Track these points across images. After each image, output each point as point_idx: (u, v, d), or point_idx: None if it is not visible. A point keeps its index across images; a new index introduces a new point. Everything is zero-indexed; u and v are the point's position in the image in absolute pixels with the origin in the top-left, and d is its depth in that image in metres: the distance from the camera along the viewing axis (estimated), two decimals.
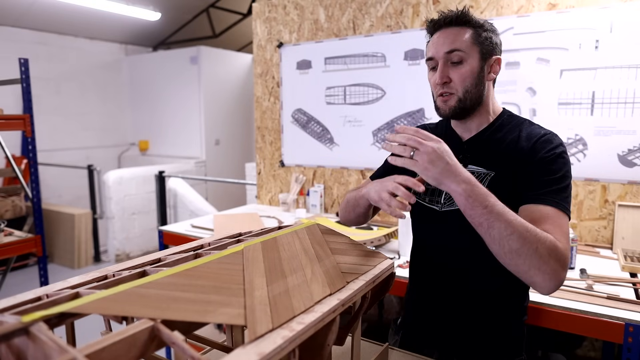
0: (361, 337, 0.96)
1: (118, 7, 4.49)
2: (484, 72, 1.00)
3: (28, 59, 2.25)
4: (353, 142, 2.51)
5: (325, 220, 2.33)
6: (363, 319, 1.89)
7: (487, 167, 1.00)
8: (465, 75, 0.97)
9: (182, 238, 2.18)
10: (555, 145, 0.95)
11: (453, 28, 0.98)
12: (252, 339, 0.54)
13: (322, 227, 1.02)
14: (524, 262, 0.79)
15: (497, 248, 0.81)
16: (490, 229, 0.80)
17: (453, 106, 0.99)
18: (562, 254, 0.81)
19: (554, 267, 0.80)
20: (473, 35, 0.98)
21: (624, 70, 1.77)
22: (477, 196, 0.80)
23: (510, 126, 1.03)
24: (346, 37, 2.45)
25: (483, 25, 1.00)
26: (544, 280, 0.80)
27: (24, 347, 0.46)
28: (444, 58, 0.97)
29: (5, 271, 2.69)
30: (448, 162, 0.80)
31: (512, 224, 0.79)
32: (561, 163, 0.93)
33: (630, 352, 1.19)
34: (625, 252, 1.69)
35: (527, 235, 0.79)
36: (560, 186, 0.91)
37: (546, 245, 0.80)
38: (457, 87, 0.98)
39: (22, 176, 2.41)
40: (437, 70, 0.99)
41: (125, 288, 0.59)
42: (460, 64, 0.97)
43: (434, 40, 1.00)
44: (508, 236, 0.79)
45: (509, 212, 0.81)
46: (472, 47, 0.97)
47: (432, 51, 1.00)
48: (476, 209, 0.80)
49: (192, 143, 5.34)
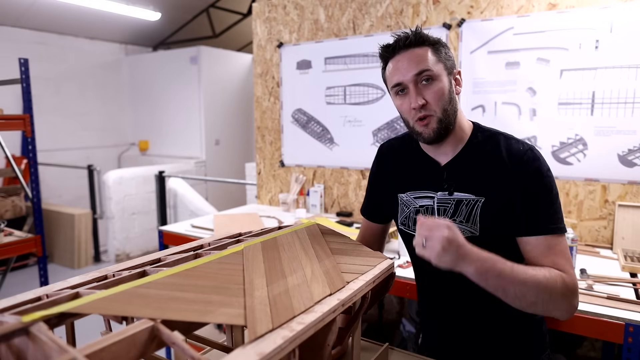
0: (361, 337, 0.96)
1: (118, 7, 4.49)
2: (452, 87, 0.97)
3: (28, 59, 2.25)
4: (353, 142, 2.51)
5: (325, 220, 2.33)
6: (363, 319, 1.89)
7: (476, 193, 0.97)
8: (439, 93, 0.93)
9: (182, 238, 2.18)
10: (539, 164, 0.94)
11: (413, 49, 0.94)
12: (252, 339, 0.54)
13: (322, 227, 1.02)
14: (542, 308, 0.86)
15: (517, 304, 0.86)
16: (506, 292, 0.84)
17: (435, 128, 0.94)
18: (572, 286, 0.87)
19: (568, 301, 0.87)
20: (434, 53, 0.95)
21: (624, 70, 1.77)
22: (489, 270, 0.83)
23: (487, 143, 1.00)
24: (346, 37, 2.45)
25: (439, 41, 0.97)
26: (562, 314, 0.88)
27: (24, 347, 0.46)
28: (414, 81, 0.93)
29: (5, 271, 2.69)
30: (459, 246, 0.80)
31: (525, 282, 0.83)
32: (548, 183, 0.94)
33: (630, 352, 1.19)
34: (625, 252, 1.69)
35: (540, 287, 0.84)
36: (552, 208, 0.93)
37: (558, 287, 0.85)
38: (435, 107, 0.93)
39: (22, 176, 2.41)
40: (407, 95, 0.95)
41: (125, 288, 0.59)
42: (431, 85, 0.93)
43: (397, 65, 0.96)
44: (524, 294, 0.84)
45: (519, 270, 0.84)
46: (437, 64, 0.94)
47: (397, 77, 0.95)
48: (490, 280, 0.83)
49: (192, 143, 5.34)
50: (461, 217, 0.98)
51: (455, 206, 0.99)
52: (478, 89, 2.08)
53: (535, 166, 0.94)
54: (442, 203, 1.01)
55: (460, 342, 1.08)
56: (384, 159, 1.16)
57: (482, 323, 1.04)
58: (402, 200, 1.08)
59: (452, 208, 0.99)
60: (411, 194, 1.06)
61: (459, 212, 0.98)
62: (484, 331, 1.05)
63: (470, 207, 0.97)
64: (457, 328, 1.08)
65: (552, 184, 0.94)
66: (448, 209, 1.00)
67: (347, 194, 2.57)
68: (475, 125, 1.04)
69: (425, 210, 1.03)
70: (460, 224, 0.98)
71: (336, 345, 0.83)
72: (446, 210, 1.00)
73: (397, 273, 1.11)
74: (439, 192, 1.01)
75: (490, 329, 1.04)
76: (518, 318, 1.03)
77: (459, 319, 1.07)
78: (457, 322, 1.08)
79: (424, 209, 1.04)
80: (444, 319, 1.11)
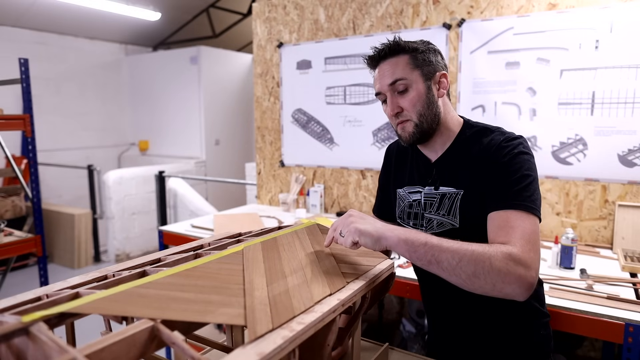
0: (361, 337, 0.96)
1: (118, 7, 4.48)
2: (432, 91, 1.00)
3: (28, 59, 2.25)
4: (353, 142, 2.51)
5: (325, 220, 2.32)
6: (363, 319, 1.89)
7: (456, 187, 1.00)
8: (413, 100, 0.98)
9: (182, 238, 2.18)
10: (513, 147, 0.94)
11: (390, 59, 1.00)
12: (252, 339, 0.54)
13: (322, 227, 1.02)
14: (486, 281, 0.78)
15: (456, 279, 0.80)
16: (440, 263, 0.79)
17: (411, 132, 1.00)
18: (520, 257, 0.79)
19: (517, 273, 0.78)
20: (410, 61, 0.99)
21: (624, 70, 1.77)
22: (413, 237, 0.81)
23: (474, 138, 1.02)
24: (346, 37, 2.45)
25: (417, 48, 1.00)
26: (514, 289, 0.78)
27: (24, 347, 0.46)
28: (389, 90, 1.00)
29: (5, 271, 2.69)
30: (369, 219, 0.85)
31: (457, 250, 0.79)
32: (519, 162, 0.92)
33: (630, 352, 1.19)
34: (625, 252, 1.69)
35: (475, 255, 0.78)
36: (520, 186, 0.89)
37: (499, 256, 0.78)
38: (410, 113, 0.99)
39: (22, 176, 2.41)
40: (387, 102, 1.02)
41: (125, 288, 0.59)
42: (406, 92, 0.99)
43: (376, 76, 1.02)
44: (458, 263, 0.78)
45: (449, 241, 0.81)
46: (412, 72, 0.99)
47: (377, 86, 1.02)
48: (418, 249, 0.80)
49: (192, 143, 5.34)
50: (444, 210, 1.02)
51: (440, 200, 1.03)
52: (478, 89, 2.08)
53: (508, 149, 0.94)
54: (428, 197, 1.06)
55: (461, 340, 1.09)
56: (389, 159, 1.23)
57: (483, 322, 1.05)
58: (399, 194, 1.14)
59: (437, 202, 1.03)
60: (407, 189, 1.12)
61: (442, 205, 1.02)
62: (484, 330, 1.05)
63: (452, 200, 1.01)
64: (458, 326, 1.09)
65: (524, 165, 0.92)
66: (434, 203, 1.04)
67: (347, 194, 2.57)
68: (465, 121, 1.07)
69: (417, 204, 1.08)
70: (443, 216, 1.02)
71: (336, 345, 0.83)
72: (432, 204, 1.04)
73: (397, 273, 1.11)
74: (426, 187, 1.07)
75: (492, 329, 1.04)
76: (519, 319, 1.03)
77: (460, 317, 1.07)
78: (458, 320, 1.08)
79: (416, 203, 1.09)
80: (445, 317, 1.11)
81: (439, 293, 1.10)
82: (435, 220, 1.03)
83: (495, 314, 1.02)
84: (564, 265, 1.58)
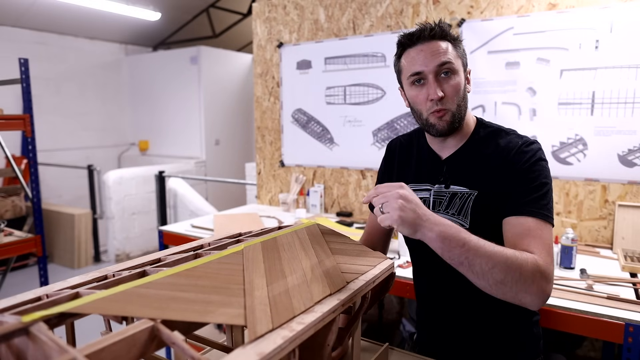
0: (361, 337, 0.96)
1: (118, 7, 4.48)
2: (465, 84, 0.99)
3: (28, 59, 2.25)
4: (353, 142, 2.51)
5: (325, 220, 2.33)
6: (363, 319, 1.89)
7: (470, 187, 0.99)
8: (457, 88, 0.95)
9: (182, 238, 2.18)
10: (532, 153, 0.93)
11: (435, 42, 0.95)
12: (252, 339, 0.54)
13: (322, 227, 1.02)
14: (511, 289, 0.79)
15: (483, 283, 0.80)
16: (472, 266, 0.79)
17: (449, 121, 0.96)
18: (545, 269, 0.81)
19: (539, 285, 0.79)
20: (454, 48, 0.97)
21: (624, 70, 1.77)
22: (453, 236, 0.78)
23: (488, 138, 1.01)
24: (346, 37, 2.45)
25: (457, 38, 0.99)
26: (532, 300, 0.80)
27: (24, 347, 0.46)
28: (434, 72, 0.94)
29: (5, 271, 2.69)
30: (417, 205, 0.79)
31: (492, 256, 0.78)
32: (538, 170, 0.92)
33: (630, 352, 1.19)
34: (625, 252, 1.69)
35: (508, 263, 0.78)
36: (539, 194, 0.89)
37: (529, 267, 0.79)
38: (451, 101, 0.95)
39: (22, 176, 2.41)
40: (424, 86, 0.96)
41: (125, 288, 0.59)
42: (450, 77, 0.95)
43: (418, 55, 0.95)
44: (491, 269, 0.78)
45: (486, 244, 0.80)
46: (457, 59, 0.96)
47: (418, 66, 0.95)
48: (454, 250, 0.78)
49: (192, 143, 5.34)
50: (454, 210, 1.00)
51: (450, 199, 1.01)
52: (478, 89, 2.08)
53: (528, 155, 0.93)
54: (437, 196, 1.03)
55: (453, 341, 1.08)
56: (391, 154, 1.20)
57: (474, 320, 1.04)
58: None
59: (446, 201, 1.01)
60: (412, 186, 1.08)
61: (452, 204, 1.00)
62: (475, 328, 1.05)
63: (464, 200, 0.99)
64: (449, 324, 1.08)
65: (542, 173, 0.92)
66: (443, 201, 1.02)
67: (347, 194, 2.57)
68: (479, 120, 1.06)
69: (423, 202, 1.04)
70: (452, 216, 1.00)
71: (336, 345, 0.83)
72: (441, 203, 1.02)
73: (397, 273, 1.11)
74: (435, 185, 1.04)
75: (483, 327, 1.04)
76: (509, 319, 1.03)
77: (452, 314, 1.07)
78: (449, 317, 1.08)
79: (422, 201, 1.05)
80: (438, 317, 1.11)
81: (432, 291, 1.10)
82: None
83: (488, 312, 1.02)
84: (564, 265, 1.58)
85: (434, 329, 1.13)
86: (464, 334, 1.06)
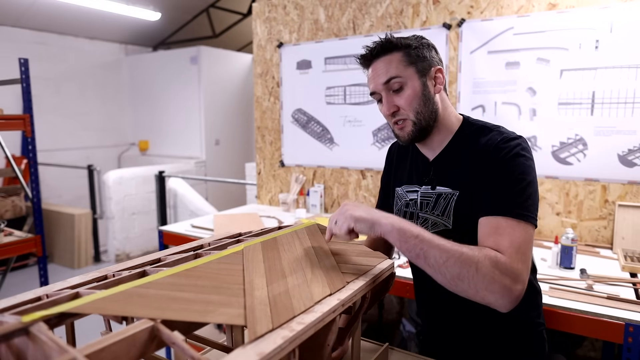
0: (361, 337, 0.96)
1: (118, 7, 4.48)
2: (427, 88, 0.97)
3: (28, 59, 2.25)
4: (353, 142, 2.51)
5: (325, 220, 2.33)
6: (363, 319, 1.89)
7: (453, 187, 0.98)
8: (410, 98, 0.96)
9: (182, 238, 2.18)
10: (509, 149, 0.89)
11: (383, 58, 0.97)
12: (252, 339, 0.54)
13: (322, 227, 1.02)
14: (469, 285, 0.77)
15: (441, 277, 0.79)
16: (427, 258, 0.79)
17: (410, 131, 0.98)
18: (508, 266, 0.77)
19: (502, 283, 0.76)
20: (403, 58, 0.96)
21: (624, 70, 1.77)
22: (407, 228, 0.81)
23: (473, 136, 0.99)
24: (346, 37, 2.45)
25: (410, 44, 0.97)
26: (496, 299, 0.77)
27: (24, 347, 0.46)
28: (384, 89, 0.97)
29: (5, 271, 2.69)
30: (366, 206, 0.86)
31: (447, 249, 0.78)
32: (514, 166, 0.88)
33: (630, 352, 1.19)
34: (625, 252, 1.69)
35: (463, 258, 0.77)
36: (514, 191, 0.86)
37: (486, 262, 0.76)
38: (407, 111, 0.97)
39: (22, 176, 2.41)
40: (382, 102, 1.00)
41: (125, 288, 0.59)
42: (401, 90, 0.96)
43: (370, 75, 1.00)
44: (445, 262, 0.77)
45: (441, 239, 0.80)
46: (406, 69, 0.96)
47: (372, 86, 1.00)
48: (409, 240, 0.80)
49: (192, 143, 5.34)
50: (438, 211, 1.00)
51: (436, 200, 1.01)
52: (478, 89, 2.08)
53: (505, 151, 0.90)
54: (424, 197, 1.04)
55: (455, 345, 1.08)
56: (390, 157, 1.23)
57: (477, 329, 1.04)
58: (397, 193, 1.13)
59: (433, 202, 1.02)
60: (404, 187, 1.11)
61: (437, 205, 1.01)
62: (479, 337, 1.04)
63: (447, 201, 0.99)
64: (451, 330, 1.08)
65: (519, 169, 0.88)
66: (430, 202, 1.03)
67: (347, 194, 2.57)
68: (464, 119, 1.04)
69: (413, 203, 1.07)
70: (437, 217, 1.00)
71: (336, 345, 0.83)
72: (428, 204, 1.03)
73: (397, 273, 1.11)
74: (422, 187, 1.05)
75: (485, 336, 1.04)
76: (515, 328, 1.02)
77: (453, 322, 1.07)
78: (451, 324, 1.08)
79: (412, 202, 1.07)
80: (438, 320, 1.11)
81: (433, 295, 1.10)
82: (430, 220, 1.02)
83: (489, 321, 1.01)
84: (564, 265, 1.58)
85: (436, 329, 1.13)
86: (466, 334, 1.06)
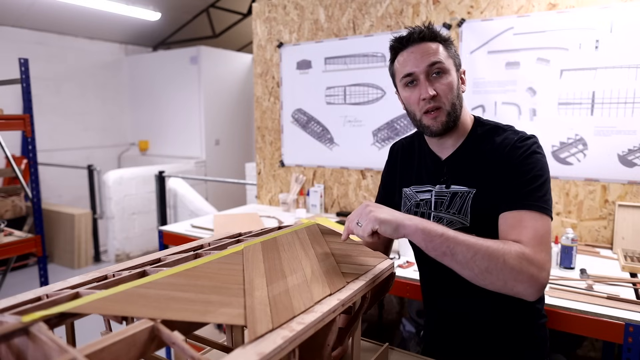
0: (361, 337, 0.96)
1: (118, 7, 4.49)
2: (459, 83, 1.00)
3: (28, 59, 2.25)
4: (353, 142, 2.51)
5: (325, 220, 2.32)
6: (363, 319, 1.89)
7: (469, 185, 1.00)
8: (450, 86, 0.96)
9: (182, 238, 2.18)
10: (527, 147, 0.93)
11: (425, 43, 0.97)
12: (252, 339, 0.54)
13: (322, 227, 1.02)
14: (498, 277, 0.79)
15: (469, 272, 0.81)
16: (454, 255, 0.80)
17: (444, 121, 0.97)
18: (533, 257, 0.80)
19: (529, 272, 0.79)
20: (444, 50, 0.98)
21: (624, 70, 1.77)
22: (431, 228, 0.81)
23: (486, 136, 1.01)
24: (346, 37, 2.45)
25: (448, 39, 1.00)
26: (525, 288, 0.79)
27: (24, 347, 0.46)
28: (425, 72, 0.96)
29: (5, 271, 2.69)
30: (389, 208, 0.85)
31: (473, 244, 0.80)
32: (532, 163, 0.92)
33: (630, 352, 1.19)
34: (625, 252, 1.69)
35: (490, 251, 0.79)
36: (533, 186, 0.89)
37: (513, 254, 0.79)
38: (444, 100, 0.96)
39: (22, 176, 2.41)
40: (416, 87, 0.98)
41: (125, 288, 0.59)
42: (442, 77, 0.96)
43: (409, 57, 0.98)
44: (473, 257, 0.79)
45: (465, 235, 0.81)
46: (448, 59, 0.97)
47: (409, 67, 0.97)
48: (435, 239, 0.80)
49: (192, 143, 5.34)
50: (454, 209, 1.01)
51: (451, 199, 1.02)
52: (478, 89, 2.08)
53: (523, 149, 0.93)
54: (439, 196, 1.04)
55: (459, 338, 1.08)
56: (394, 157, 1.21)
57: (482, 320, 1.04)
58: (406, 194, 1.13)
59: (447, 201, 1.02)
60: (414, 188, 1.10)
61: (453, 204, 1.01)
62: (483, 328, 1.05)
63: (463, 199, 0.99)
64: (457, 322, 1.08)
65: (537, 165, 0.92)
66: (444, 201, 1.03)
67: (347, 194, 2.57)
68: (476, 119, 1.06)
69: (424, 204, 1.06)
70: (453, 215, 1.01)
71: (336, 345, 0.83)
72: (442, 203, 1.03)
73: (397, 273, 1.11)
74: (437, 186, 1.05)
75: (491, 328, 1.04)
76: (519, 319, 1.03)
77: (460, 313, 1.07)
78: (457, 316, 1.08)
79: (424, 202, 1.07)
80: (444, 312, 1.11)
81: (440, 289, 1.10)
82: (445, 219, 1.02)
83: (496, 312, 1.02)
84: (564, 265, 1.58)
85: (441, 326, 1.13)
86: (472, 333, 1.06)
